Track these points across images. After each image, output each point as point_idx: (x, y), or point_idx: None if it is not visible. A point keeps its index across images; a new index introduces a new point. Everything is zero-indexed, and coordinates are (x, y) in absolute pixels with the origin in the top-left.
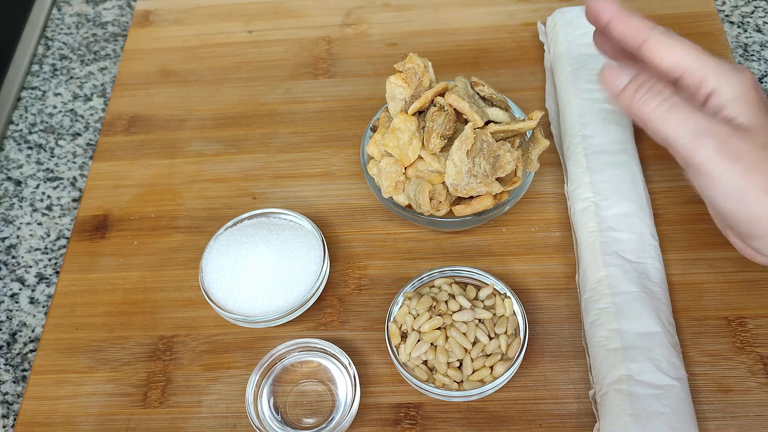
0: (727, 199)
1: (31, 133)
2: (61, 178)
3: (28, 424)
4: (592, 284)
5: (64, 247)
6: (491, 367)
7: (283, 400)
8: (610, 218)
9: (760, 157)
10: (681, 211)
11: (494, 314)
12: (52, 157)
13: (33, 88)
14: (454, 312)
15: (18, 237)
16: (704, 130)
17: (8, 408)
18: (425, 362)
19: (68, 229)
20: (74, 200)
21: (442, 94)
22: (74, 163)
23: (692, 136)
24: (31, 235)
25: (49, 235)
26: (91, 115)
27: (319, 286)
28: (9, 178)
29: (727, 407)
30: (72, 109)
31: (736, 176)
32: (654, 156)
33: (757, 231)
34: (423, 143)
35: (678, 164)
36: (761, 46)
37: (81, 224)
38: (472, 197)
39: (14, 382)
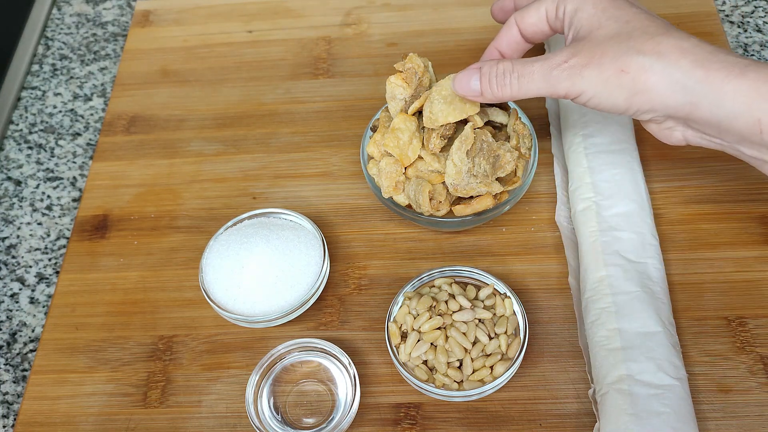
0: (600, 99)
1: (31, 133)
2: (61, 178)
3: (28, 424)
4: (593, 284)
5: (64, 247)
6: (491, 367)
7: (283, 400)
8: (611, 218)
9: (604, 48)
10: (681, 211)
11: (494, 314)
12: (52, 157)
13: (33, 88)
14: (454, 312)
15: (18, 237)
16: (548, 67)
17: (8, 408)
18: (425, 362)
19: (68, 229)
20: (74, 200)
21: None
22: (74, 163)
23: (546, 84)
24: (31, 235)
25: (49, 235)
26: (91, 115)
27: (319, 286)
28: (9, 178)
29: (727, 407)
30: (72, 109)
31: (594, 80)
32: (654, 156)
33: (641, 107)
34: (423, 143)
35: (681, 164)
36: (761, 46)
37: (81, 224)
38: (472, 197)
39: (14, 382)
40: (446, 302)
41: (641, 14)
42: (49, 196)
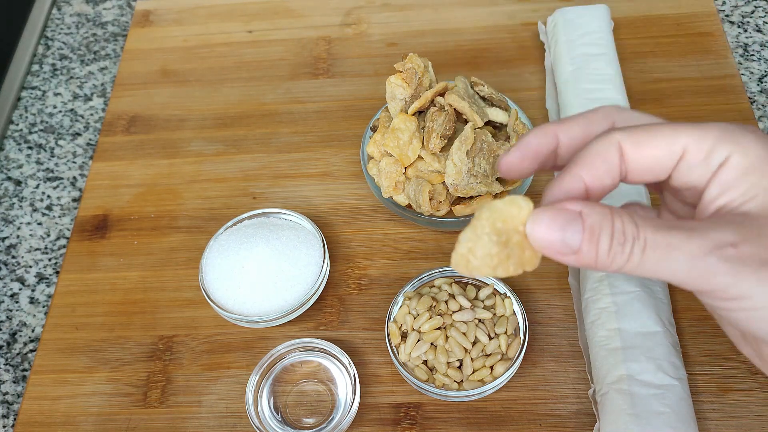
0: (763, 319)
1: (31, 133)
2: (61, 178)
3: (28, 424)
4: (593, 284)
5: (64, 247)
6: (491, 367)
7: (283, 400)
8: None
9: None
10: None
11: (494, 314)
12: (52, 157)
13: (33, 88)
14: (454, 312)
15: (18, 237)
16: (707, 252)
17: (8, 408)
18: (425, 362)
19: (68, 229)
20: (74, 200)
21: (442, 94)
22: (74, 163)
23: (695, 270)
24: (31, 235)
25: (49, 235)
26: (91, 115)
27: (319, 286)
28: (9, 178)
29: (727, 407)
30: (72, 109)
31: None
32: None
33: None
34: (423, 143)
35: None
36: (761, 46)
37: (81, 224)
38: (472, 197)
39: (14, 382)
40: (446, 302)
41: None
42: (49, 196)
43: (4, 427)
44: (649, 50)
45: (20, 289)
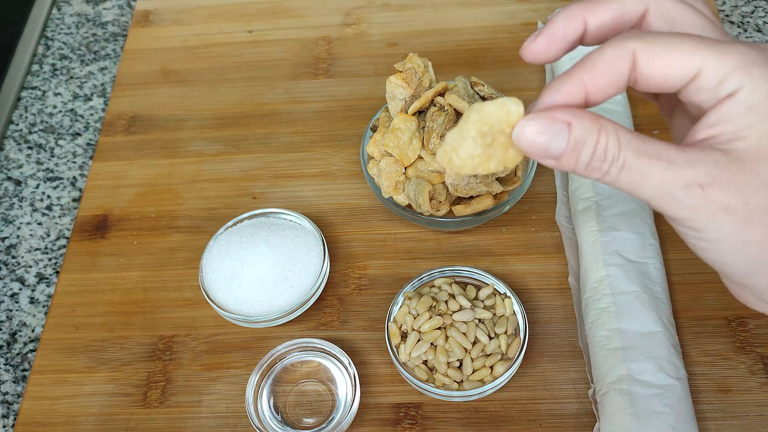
0: (721, 256)
1: (31, 133)
2: (61, 178)
3: (28, 424)
4: (593, 284)
5: (64, 247)
6: (491, 367)
7: (283, 400)
8: (611, 218)
9: (760, 202)
10: None
11: (494, 314)
12: (52, 157)
13: (33, 88)
14: (454, 312)
15: (18, 237)
16: (672, 182)
17: (8, 408)
18: (425, 362)
19: (68, 229)
20: (74, 200)
21: (442, 94)
22: (74, 163)
23: (659, 196)
24: (31, 235)
25: (49, 235)
26: (91, 115)
27: (319, 286)
28: (9, 178)
29: (727, 407)
30: (72, 109)
31: (728, 232)
32: None
33: (758, 286)
34: (423, 143)
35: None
36: None
37: (81, 224)
38: (472, 197)
39: (14, 382)
40: (446, 302)
41: None
42: (49, 196)
43: (4, 427)
44: None
45: (20, 289)
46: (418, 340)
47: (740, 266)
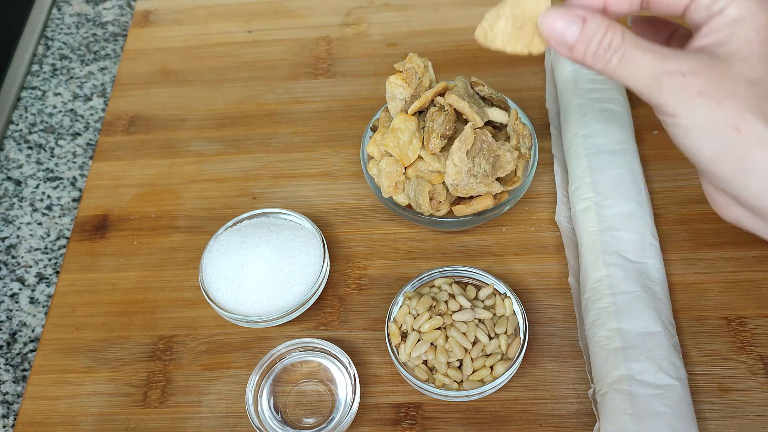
0: (688, 136)
1: (31, 133)
2: (61, 178)
3: (28, 424)
4: (593, 284)
5: (64, 247)
6: (491, 367)
7: (283, 400)
8: (611, 218)
9: (732, 90)
10: (681, 211)
11: (494, 314)
12: (52, 157)
13: (33, 88)
14: (454, 312)
15: (18, 237)
16: (660, 69)
17: (8, 408)
18: (425, 362)
19: (68, 229)
20: (74, 200)
21: (442, 94)
22: (74, 163)
23: (649, 85)
24: (31, 235)
25: (49, 235)
26: (91, 115)
27: (319, 286)
28: (9, 178)
29: (727, 407)
30: (72, 109)
31: (700, 114)
32: (654, 156)
33: (722, 173)
34: (423, 143)
35: (681, 164)
36: None
37: (81, 224)
38: (472, 197)
39: (14, 382)
40: (446, 302)
41: None
42: (49, 196)
43: (4, 427)
44: None
45: (20, 289)
46: (418, 340)
47: (710, 148)
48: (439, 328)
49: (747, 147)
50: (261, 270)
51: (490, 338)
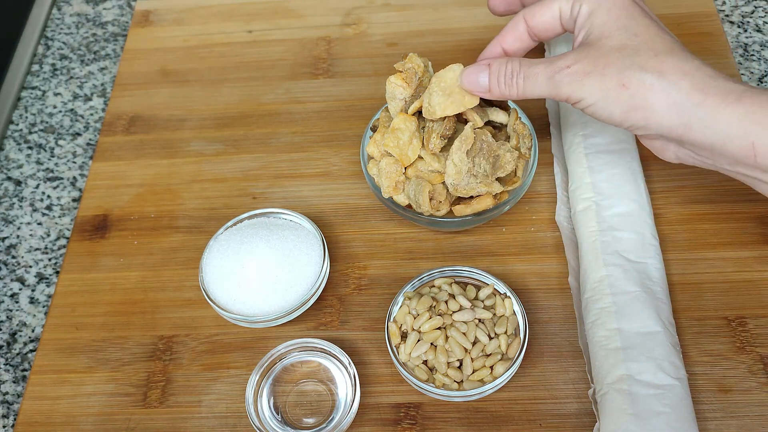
0: (597, 109)
1: (31, 133)
2: (61, 178)
3: (28, 424)
4: (593, 284)
5: (64, 247)
6: (491, 367)
7: (283, 400)
8: (611, 218)
9: (607, 61)
10: (681, 211)
11: (494, 314)
12: (52, 157)
13: (33, 88)
14: (454, 312)
15: (18, 237)
16: (551, 70)
17: (8, 408)
18: (425, 362)
19: (68, 229)
20: (74, 200)
21: None
22: (74, 163)
23: (550, 86)
24: (31, 235)
25: (49, 235)
26: (91, 115)
27: (319, 286)
28: (9, 178)
29: (727, 407)
30: (72, 109)
31: (595, 90)
32: (654, 156)
33: (637, 124)
34: (423, 143)
35: (679, 165)
36: (761, 46)
37: (81, 224)
38: (472, 197)
39: (14, 382)
40: (446, 302)
41: (651, 28)
42: (49, 196)
43: (4, 427)
44: None
45: (20, 289)
46: (418, 340)
47: (616, 111)
48: (439, 328)
49: (637, 95)
50: (261, 270)
51: (490, 338)
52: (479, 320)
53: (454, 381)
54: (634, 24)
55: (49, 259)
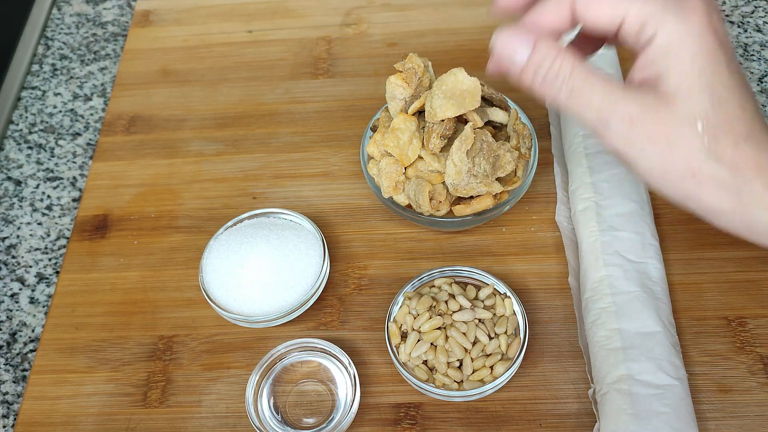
0: (656, 181)
1: (31, 133)
2: (61, 178)
3: (28, 424)
4: (593, 284)
5: (64, 247)
6: (491, 367)
7: (283, 400)
8: (611, 218)
9: (680, 134)
10: (681, 211)
11: (494, 314)
12: (52, 157)
13: (33, 88)
14: (454, 312)
15: (18, 237)
16: (609, 112)
17: (8, 408)
18: (425, 362)
19: (68, 229)
20: (74, 200)
21: None
22: (74, 163)
23: (597, 122)
24: (31, 235)
25: (49, 235)
26: (91, 115)
27: (319, 286)
28: (9, 178)
29: (727, 407)
30: (72, 109)
31: (655, 161)
32: None
33: (693, 208)
34: (423, 143)
35: None
36: (761, 46)
37: (81, 224)
38: (472, 197)
39: (14, 382)
40: (446, 302)
41: (736, 92)
42: (49, 196)
43: (4, 427)
44: None
45: (20, 289)
46: (418, 340)
47: (676, 195)
48: (439, 328)
49: (704, 189)
50: (261, 270)
51: (490, 338)
52: (479, 320)
53: (454, 381)
54: (719, 84)
55: (49, 259)
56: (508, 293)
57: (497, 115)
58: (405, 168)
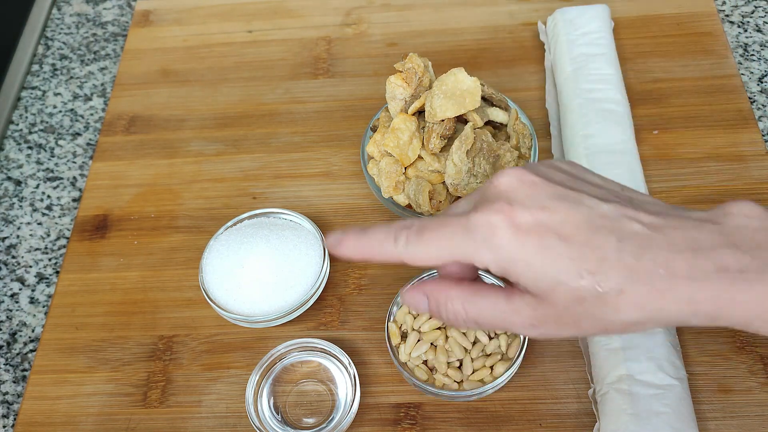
0: (622, 330)
1: (31, 133)
2: (61, 178)
3: (28, 424)
4: None
5: (64, 247)
6: (491, 367)
7: (283, 400)
8: None
9: (582, 311)
10: None
11: None
12: (52, 157)
13: (33, 88)
14: None
15: (18, 237)
16: (508, 322)
17: (8, 408)
18: (425, 362)
19: (68, 229)
20: (74, 200)
21: None
22: (74, 163)
23: (503, 328)
24: (31, 235)
25: (49, 235)
26: (91, 115)
27: (319, 286)
28: (9, 178)
29: (727, 407)
30: (72, 109)
31: (588, 331)
32: (654, 156)
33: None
34: (423, 143)
35: (681, 163)
36: (761, 46)
37: (81, 224)
38: None
39: (14, 382)
40: None
41: (582, 237)
42: (49, 196)
43: (4, 427)
44: (649, 50)
45: (20, 289)
46: (418, 340)
47: (627, 331)
48: (439, 328)
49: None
50: (261, 270)
51: (490, 338)
52: None
53: (454, 381)
54: (562, 255)
55: (49, 259)
56: None
57: (497, 115)
58: (405, 168)
